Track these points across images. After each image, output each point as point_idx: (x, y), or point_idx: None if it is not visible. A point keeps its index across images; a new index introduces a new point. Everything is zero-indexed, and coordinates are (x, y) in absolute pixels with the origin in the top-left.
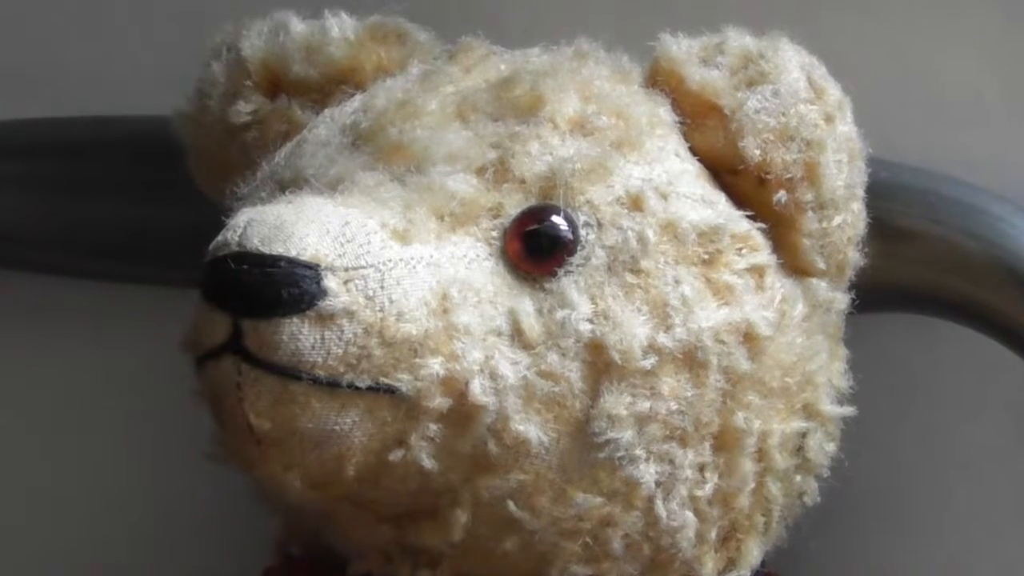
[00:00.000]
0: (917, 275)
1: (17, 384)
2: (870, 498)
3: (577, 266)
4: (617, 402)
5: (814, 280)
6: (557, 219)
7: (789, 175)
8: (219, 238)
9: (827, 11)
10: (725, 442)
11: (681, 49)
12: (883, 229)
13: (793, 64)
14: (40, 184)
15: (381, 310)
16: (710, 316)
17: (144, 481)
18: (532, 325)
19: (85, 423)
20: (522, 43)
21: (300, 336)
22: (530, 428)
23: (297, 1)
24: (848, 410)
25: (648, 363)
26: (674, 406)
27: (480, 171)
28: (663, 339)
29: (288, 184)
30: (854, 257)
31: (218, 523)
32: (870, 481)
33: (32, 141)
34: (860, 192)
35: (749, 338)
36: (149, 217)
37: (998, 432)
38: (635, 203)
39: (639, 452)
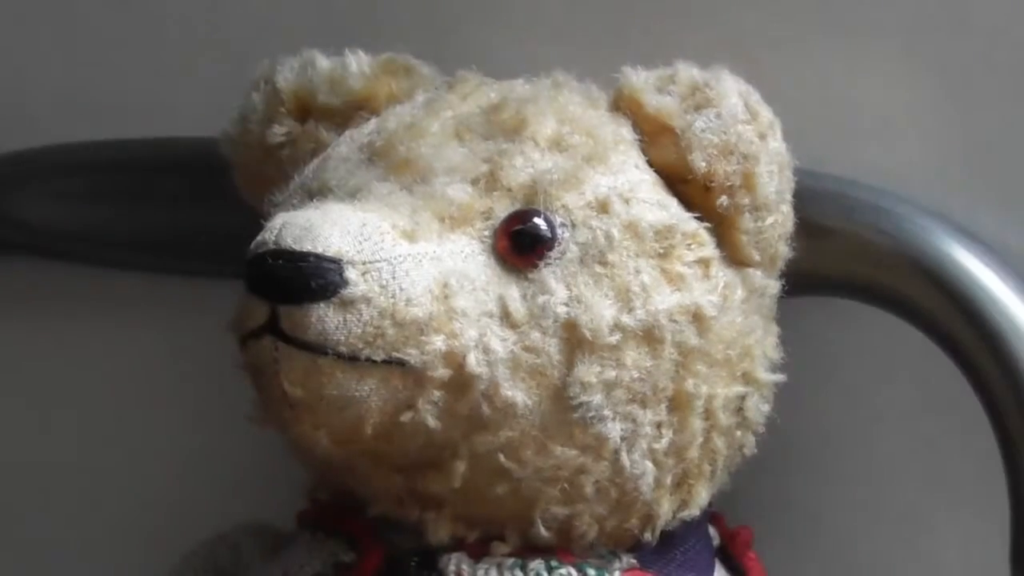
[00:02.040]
0: (835, 265)
1: (90, 362)
2: (798, 450)
3: (555, 259)
4: (588, 371)
5: (751, 270)
6: (538, 220)
7: (730, 183)
8: (259, 238)
9: (760, 49)
10: (678, 404)
11: (640, 79)
12: (807, 227)
13: (732, 91)
14: (107, 196)
15: (393, 296)
16: (665, 300)
17: (196, 442)
18: (518, 308)
19: (148, 395)
20: (508, 75)
21: (326, 319)
22: (517, 393)
23: (322, 41)
24: (780, 377)
25: (614, 339)
26: (635, 374)
27: (474, 181)
28: (626, 319)
29: (315, 193)
30: (784, 250)
31: (259, 476)
32: (798, 436)
33: (100, 159)
34: (788, 197)
35: (698, 318)
36: (200, 222)
37: (904, 395)
38: (603, 207)
39: (607, 412)
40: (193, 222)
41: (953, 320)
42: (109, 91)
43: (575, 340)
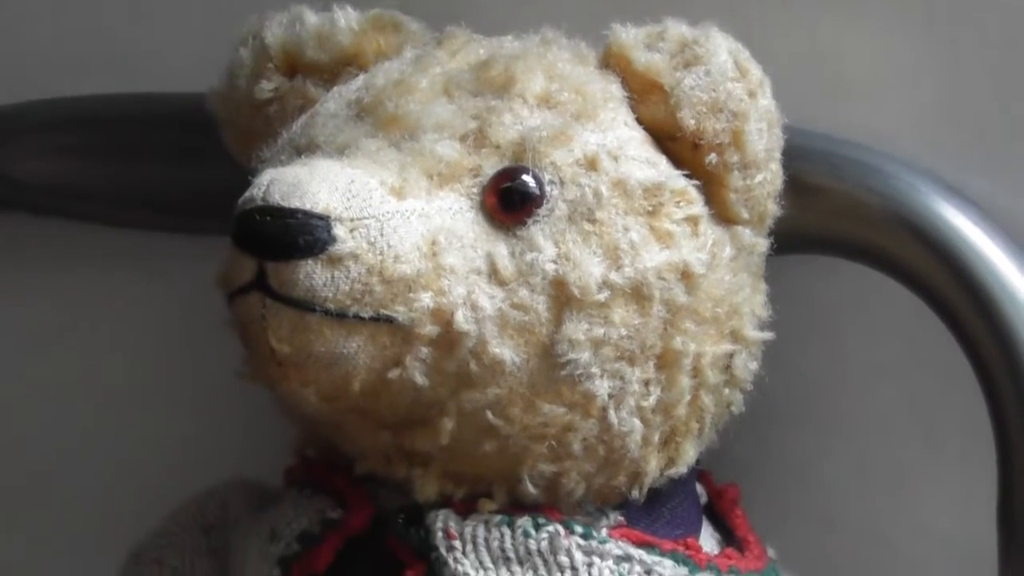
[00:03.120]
0: (824, 223)
1: (80, 315)
2: (786, 407)
3: (543, 217)
4: (576, 329)
5: (739, 227)
6: (527, 178)
7: (719, 141)
8: (246, 194)
9: (750, 6)
10: (666, 362)
11: (629, 37)
12: (796, 185)
13: (722, 49)
14: (95, 152)
15: (381, 253)
16: (654, 258)
17: (184, 397)
18: (506, 265)
19: (136, 351)
20: (497, 32)
21: (314, 275)
22: (505, 351)
23: None
24: (768, 335)
25: (602, 296)
26: (624, 332)
27: (463, 138)
28: (615, 276)
29: (303, 149)
30: (773, 208)
31: (247, 433)
32: (786, 393)
33: (89, 114)
34: (777, 155)
35: (686, 276)
36: (189, 177)
37: (890, 351)
38: (591, 164)
39: (595, 370)
40: (182, 178)
41: (940, 277)
42: (98, 46)
43: (563, 297)
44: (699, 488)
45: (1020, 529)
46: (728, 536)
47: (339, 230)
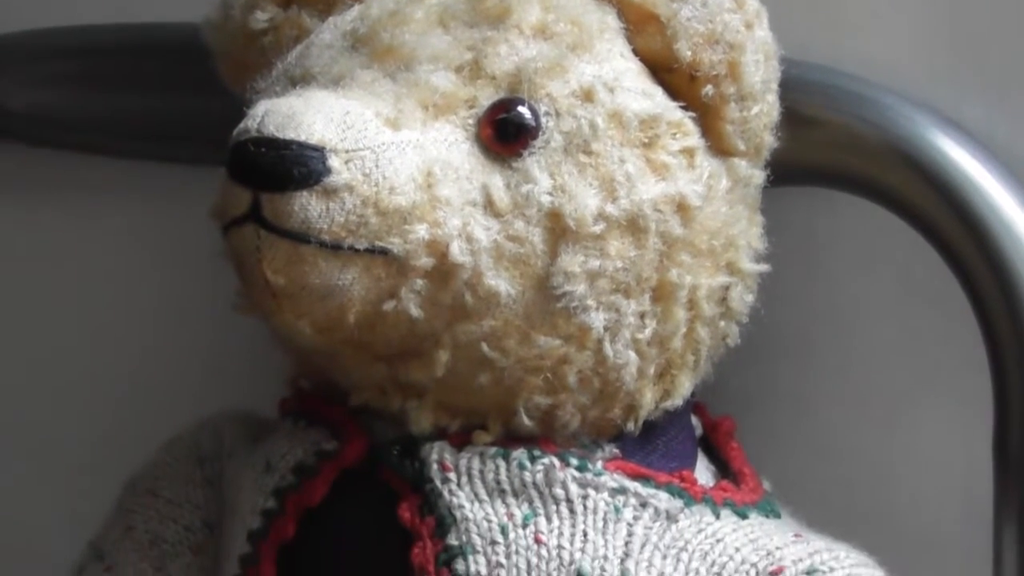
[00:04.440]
0: (821, 155)
1: (73, 246)
2: (781, 339)
3: (539, 148)
4: (572, 261)
5: (736, 159)
6: (522, 109)
7: (715, 72)
8: (241, 125)
9: None
10: (662, 294)
11: None
12: (793, 117)
13: None
14: (89, 81)
15: (376, 185)
16: (649, 190)
17: (180, 329)
18: (502, 197)
19: (131, 282)
20: None
21: (309, 207)
22: (500, 283)
23: None
24: (763, 267)
25: (598, 228)
26: (619, 264)
27: (458, 69)
28: (610, 208)
29: (298, 80)
30: (769, 140)
31: (241, 364)
32: (781, 326)
33: (83, 44)
34: (774, 86)
35: (682, 208)
36: (182, 108)
37: (886, 283)
38: (587, 96)
39: (590, 302)
40: (176, 108)
41: (937, 210)
42: None
43: (559, 229)
44: (694, 420)
45: (1015, 459)
46: (723, 468)
47: (334, 161)
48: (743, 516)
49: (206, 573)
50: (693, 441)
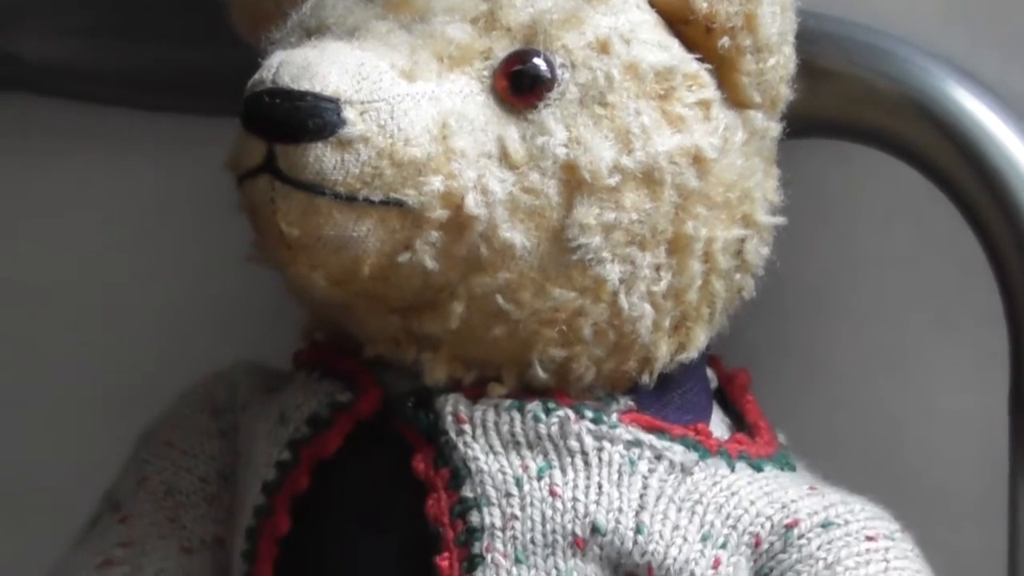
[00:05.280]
0: (837, 108)
1: (88, 197)
2: (797, 293)
3: (554, 100)
4: (587, 213)
5: (752, 112)
6: (538, 61)
7: (731, 24)
8: (256, 76)
9: None
10: (677, 246)
11: None
12: (809, 69)
13: None
14: (103, 32)
15: (391, 136)
16: (665, 142)
17: (194, 281)
18: (517, 149)
19: (145, 234)
20: None
21: (323, 158)
22: (515, 235)
23: None
24: (779, 219)
25: (613, 181)
26: (635, 216)
27: (474, 21)
28: (626, 161)
29: (313, 31)
30: (785, 92)
31: (256, 316)
32: (797, 279)
33: None
34: (790, 38)
35: (698, 160)
36: (197, 58)
37: (903, 237)
38: (603, 47)
39: (606, 255)
40: (191, 59)
41: (953, 162)
42: None
43: (574, 182)
44: (709, 373)
45: None
46: (738, 421)
47: (349, 113)
48: (758, 469)
49: (220, 524)
50: (708, 394)
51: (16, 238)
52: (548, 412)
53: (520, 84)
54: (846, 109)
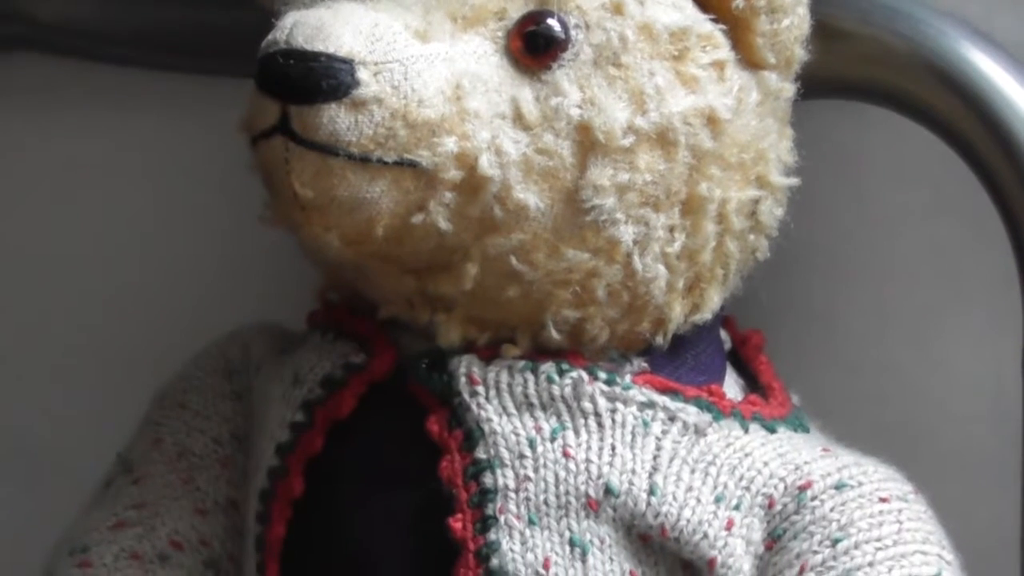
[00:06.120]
0: (851, 68)
1: (101, 158)
2: (811, 254)
3: (568, 61)
4: (601, 174)
5: (766, 72)
6: (552, 21)
7: None
8: (270, 37)
9: None
10: (691, 207)
11: None
12: (823, 30)
13: None
14: None
15: (405, 97)
16: (679, 103)
17: (207, 241)
18: (531, 110)
19: (157, 195)
20: None
21: (337, 119)
22: (529, 196)
23: None
24: (793, 180)
25: (627, 142)
26: (648, 177)
27: None
28: (640, 121)
29: None
30: (799, 53)
31: (270, 277)
32: (811, 240)
33: None
34: None
35: (712, 121)
36: (211, 19)
37: (916, 197)
38: (617, 8)
39: (619, 216)
40: (204, 19)
41: (968, 123)
42: None
43: (588, 142)
44: (723, 335)
45: None
46: (752, 382)
47: (363, 74)
48: (771, 430)
49: (234, 486)
50: (722, 355)
51: (30, 198)
52: (562, 373)
53: (534, 45)
54: (860, 70)
